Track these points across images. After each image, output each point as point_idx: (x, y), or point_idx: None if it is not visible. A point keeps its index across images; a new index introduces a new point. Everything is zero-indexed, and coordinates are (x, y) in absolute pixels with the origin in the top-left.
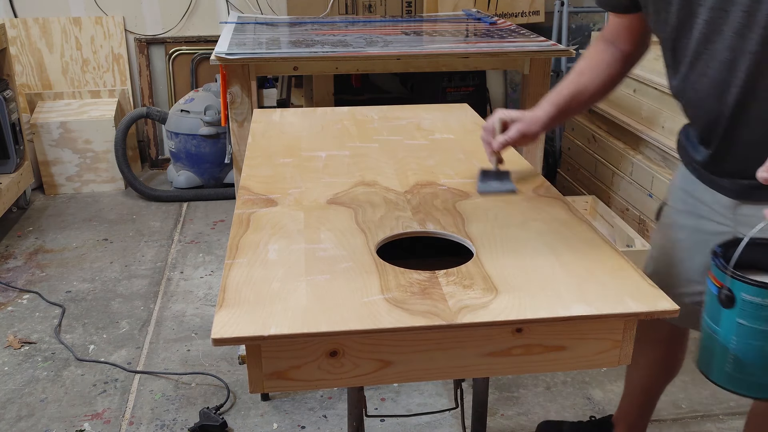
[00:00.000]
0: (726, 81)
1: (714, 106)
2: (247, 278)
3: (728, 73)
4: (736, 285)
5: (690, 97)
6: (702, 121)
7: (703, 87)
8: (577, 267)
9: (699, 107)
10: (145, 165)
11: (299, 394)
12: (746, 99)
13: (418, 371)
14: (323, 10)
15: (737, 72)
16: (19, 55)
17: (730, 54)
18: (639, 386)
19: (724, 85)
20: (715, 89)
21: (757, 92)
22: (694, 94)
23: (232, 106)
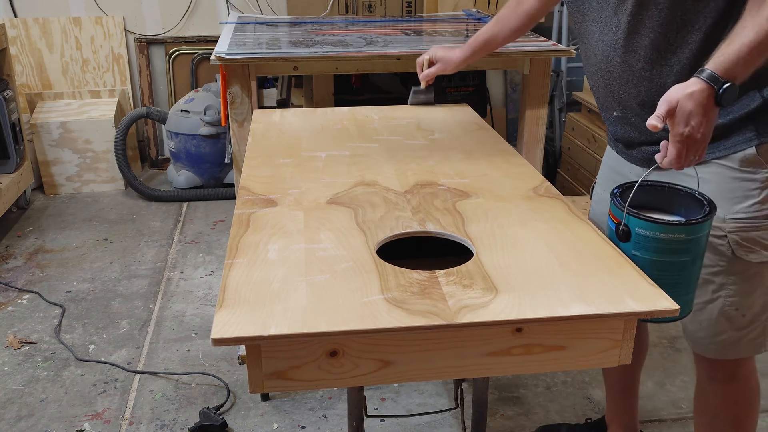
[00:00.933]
0: (613, 42)
1: (607, 66)
2: (247, 278)
3: (613, 35)
4: (631, 221)
5: (591, 64)
6: (602, 84)
7: (599, 48)
8: (577, 267)
9: (598, 72)
10: (145, 165)
11: (299, 394)
12: (630, 57)
13: (418, 371)
14: (323, 10)
15: (619, 32)
16: (19, 55)
17: (615, 16)
18: (615, 378)
19: (613, 45)
20: (606, 49)
21: (637, 52)
22: (594, 59)
23: (232, 106)
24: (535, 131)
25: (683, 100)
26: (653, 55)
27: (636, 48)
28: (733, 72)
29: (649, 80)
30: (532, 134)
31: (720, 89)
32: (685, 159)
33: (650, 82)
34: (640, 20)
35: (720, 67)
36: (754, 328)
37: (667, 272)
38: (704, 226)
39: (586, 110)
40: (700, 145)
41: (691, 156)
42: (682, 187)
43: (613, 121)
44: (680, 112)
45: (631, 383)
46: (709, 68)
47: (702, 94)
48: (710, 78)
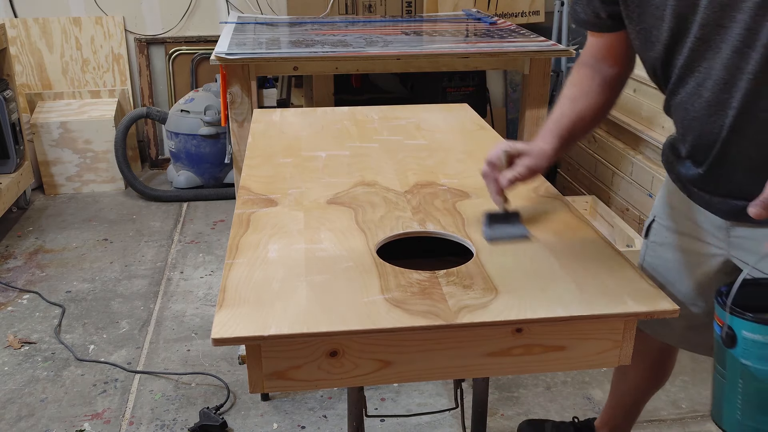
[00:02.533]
0: (722, 102)
1: (708, 127)
2: (247, 278)
3: (724, 94)
4: (735, 322)
5: (682, 117)
6: (694, 140)
7: (696, 107)
8: (577, 267)
9: (692, 127)
10: (145, 165)
11: (299, 394)
12: (743, 121)
13: (418, 371)
14: (323, 10)
15: (734, 92)
16: (19, 55)
17: (727, 74)
18: (627, 396)
19: (720, 106)
20: (709, 109)
21: (757, 114)
22: (686, 114)
23: (232, 106)
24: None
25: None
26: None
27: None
28: None
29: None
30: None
31: None
32: None
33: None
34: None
35: None
36: None
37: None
38: None
39: None
40: None
41: None
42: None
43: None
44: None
45: (640, 406)
46: None
47: None
48: None
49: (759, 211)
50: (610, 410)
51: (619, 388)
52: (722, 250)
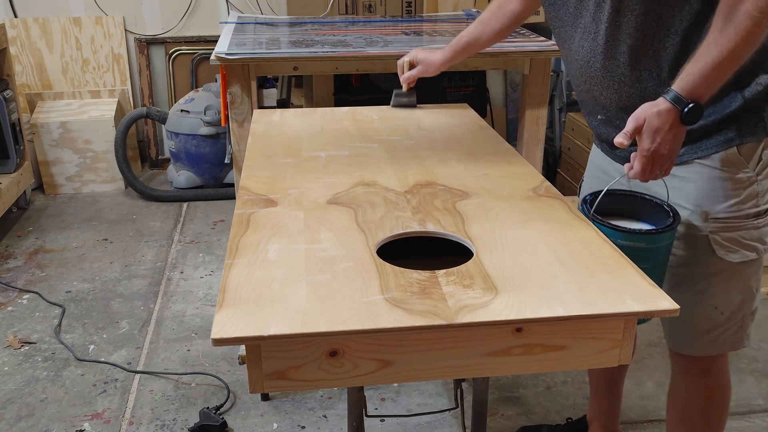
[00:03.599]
0: (593, 48)
1: (588, 72)
2: (247, 278)
3: (593, 41)
4: (596, 227)
5: (573, 69)
6: (584, 89)
7: (579, 53)
8: (577, 267)
9: (580, 76)
10: (145, 165)
11: (299, 394)
12: (609, 64)
13: (418, 371)
14: (323, 10)
15: (598, 38)
16: (19, 55)
17: (595, 24)
18: (601, 379)
19: (593, 51)
20: (587, 55)
21: (617, 58)
22: (576, 64)
23: (232, 106)
24: (535, 131)
25: (650, 118)
26: (632, 59)
27: (615, 54)
28: (697, 92)
29: (629, 85)
30: (532, 134)
31: (684, 109)
32: (650, 173)
33: (631, 87)
34: (617, 26)
35: (684, 88)
36: (731, 325)
37: None
38: (665, 236)
39: None
40: (666, 161)
41: (657, 171)
42: (652, 197)
43: (596, 124)
44: (647, 129)
45: (616, 384)
46: (674, 89)
47: (668, 114)
48: (675, 99)
49: (621, 141)
50: (593, 398)
51: (592, 375)
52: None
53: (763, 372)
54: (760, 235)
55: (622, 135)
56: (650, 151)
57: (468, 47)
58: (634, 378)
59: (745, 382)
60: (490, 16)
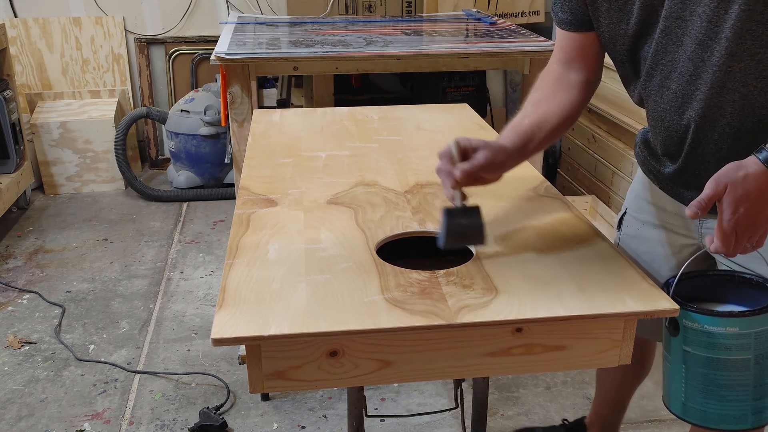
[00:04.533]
0: (688, 94)
1: (677, 119)
2: (247, 278)
3: (690, 86)
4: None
5: (652, 110)
6: (664, 133)
7: (664, 100)
8: (577, 267)
9: (662, 120)
10: (145, 165)
11: (299, 394)
12: (711, 113)
13: (418, 371)
14: (323, 10)
15: (700, 84)
16: (19, 55)
17: (692, 66)
18: (611, 391)
19: (687, 98)
20: (676, 101)
21: (723, 106)
22: (656, 106)
23: (232, 106)
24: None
25: (734, 183)
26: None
27: (722, 104)
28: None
29: (734, 138)
30: None
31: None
32: (736, 246)
33: (737, 140)
34: (729, 72)
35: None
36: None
37: (724, 372)
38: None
39: (586, 110)
40: (756, 231)
41: (744, 242)
42: (753, 276)
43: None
44: (728, 197)
45: (625, 399)
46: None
47: (758, 178)
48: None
49: (694, 212)
50: (598, 407)
51: (603, 384)
52: (695, 240)
53: None
54: None
55: (696, 204)
56: (732, 223)
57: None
58: None
59: None
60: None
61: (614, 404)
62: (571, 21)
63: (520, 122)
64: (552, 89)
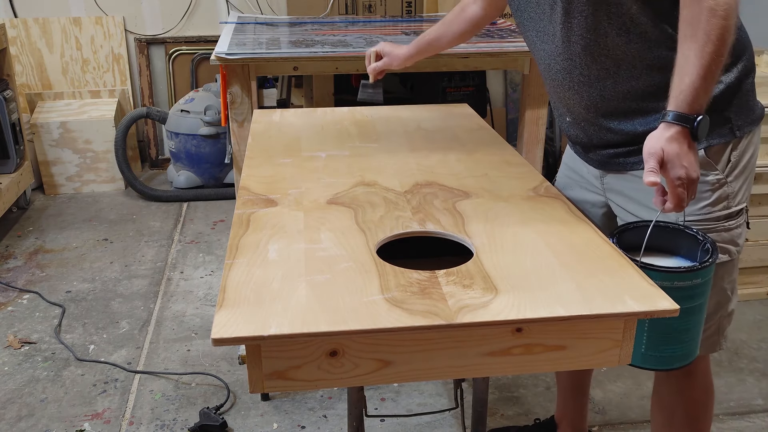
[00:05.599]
0: (553, 51)
1: (551, 74)
2: (247, 278)
3: (553, 44)
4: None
5: (542, 72)
6: (550, 90)
7: (541, 56)
8: (577, 267)
9: (546, 79)
10: (145, 165)
11: (299, 394)
12: (567, 64)
13: (418, 371)
14: (323, 10)
15: (556, 40)
16: (19, 55)
17: (548, 24)
18: (566, 381)
19: (551, 53)
20: (548, 58)
21: (573, 57)
22: (541, 65)
23: (232, 106)
24: (535, 131)
25: (666, 146)
26: (587, 60)
27: (572, 55)
28: (698, 105)
29: (588, 85)
30: (532, 134)
31: (694, 124)
32: (687, 200)
33: (590, 87)
34: (569, 27)
35: (683, 105)
36: (708, 327)
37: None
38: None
39: None
40: (695, 184)
41: (691, 195)
42: (669, 224)
43: (566, 126)
44: (669, 157)
45: (582, 383)
46: (674, 109)
47: (681, 135)
48: (680, 118)
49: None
50: (561, 399)
51: (560, 376)
52: (601, 196)
53: (763, 372)
54: (731, 237)
55: (650, 174)
56: (684, 178)
57: (430, 45)
58: (634, 378)
59: (745, 382)
60: (453, 18)
61: (574, 392)
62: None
63: (423, 36)
64: (454, 17)
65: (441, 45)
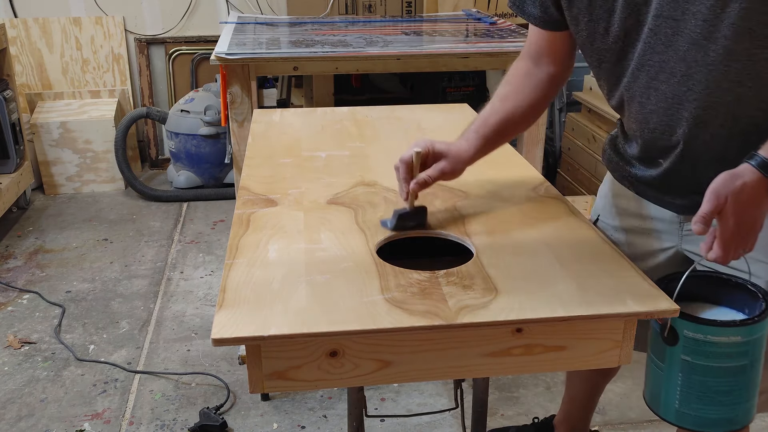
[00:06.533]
0: (679, 95)
1: (665, 120)
2: (247, 278)
3: (682, 86)
4: (677, 322)
5: (636, 112)
6: (649, 136)
7: (652, 101)
8: (577, 267)
9: (647, 122)
10: (145, 165)
11: (299, 394)
12: (704, 114)
13: (418, 371)
14: (323, 10)
15: (693, 85)
16: (19, 55)
17: (684, 66)
18: (580, 390)
19: (678, 99)
20: (665, 103)
21: (717, 107)
22: (641, 108)
23: (232, 106)
24: (535, 131)
25: (734, 194)
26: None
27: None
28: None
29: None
30: (532, 134)
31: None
32: (733, 254)
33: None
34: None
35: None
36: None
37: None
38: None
39: (586, 110)
40: (750, 239)
41: (739, 250)
42: (731, 276)
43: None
44: (730, 207)
45: (596, 398)
46: (763, 154)
47: (757, 186)
48: (764, 166)
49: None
50: (566, 405)
51: (573, 384)
52: (674, 243)
53: None
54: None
55: (700, 219)
56: (734, 232)
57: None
58: (635, 378)
59: None
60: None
61: (583, 404)
62: (541, 17)
63: (486, 119)
64: (520, 84)
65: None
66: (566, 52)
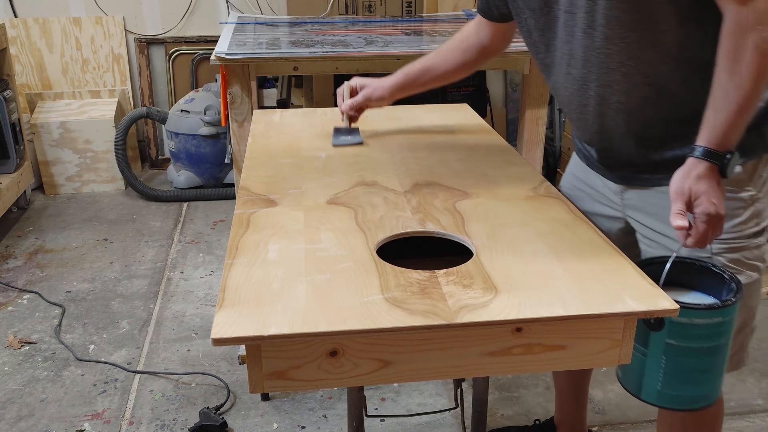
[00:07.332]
0: (584, 77)
1: (581, 100)
2: (247, 278)
3: (585, 70)
4: None
5: (564, 96)
6: (576, 116)
7: (570, 85)
8: (577, 267)
9: (570, 104)
10: (145, 165)
11: (299, 394)
12: (603, 91)
13: (418, 371)
14: (323, 10)
15: (591, 67)
16: (19, 55)
17: (583, 51)
18: (564, 384)
19: (584, 81)
20: (577, 85)
21: (611, 84)
22: (565, 92)
23: (232, 106)
24: (535, 131)
25: (694, 185)
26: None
27: (609, 82)
28: (728, 142)
29: (626, 113)
30: (532, 134)
31: (724, 162)
32: (711, 237)
33: (629, 115)
34: (609, 54)
35: (715, 141)
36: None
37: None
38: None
39: None
40: (721, 221)
41: (716, 232)
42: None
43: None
44: (697, 196)
45: (580, 386)
46: (703, 145)
47: (709, 172)
48: (709, 155)
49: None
50: (559, 404)
51: (558, 381)
52: (618, 211)
53: (763, 372)
54: (761, 254)
55: (678, 217)
56: (711, 215)
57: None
58: None
59: (745, 382)
60: (451, 47)
61: (571, 398)
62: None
63: (413, 65)
64: (455, 45)
65: (435, 76)
66: (505, 34)
